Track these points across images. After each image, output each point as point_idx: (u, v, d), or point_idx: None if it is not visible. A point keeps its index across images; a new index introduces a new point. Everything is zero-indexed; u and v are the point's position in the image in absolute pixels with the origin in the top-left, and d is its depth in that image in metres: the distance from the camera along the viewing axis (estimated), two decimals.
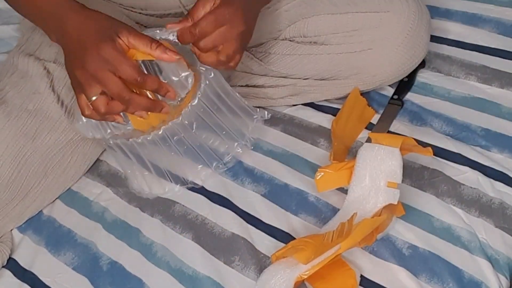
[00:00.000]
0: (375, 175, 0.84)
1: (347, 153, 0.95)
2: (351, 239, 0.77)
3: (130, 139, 0.85)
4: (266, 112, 0.98)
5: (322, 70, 1.01)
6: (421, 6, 0.99)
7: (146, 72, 0.84)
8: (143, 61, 0.84)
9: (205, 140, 0.93)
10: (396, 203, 0.83)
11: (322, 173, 0.87)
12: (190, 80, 0.82)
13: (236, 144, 0.95)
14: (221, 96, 0.89)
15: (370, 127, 0.99)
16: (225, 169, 0.95)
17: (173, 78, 0.81)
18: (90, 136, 0.88)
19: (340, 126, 0.98)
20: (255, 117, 0.96)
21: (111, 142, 0.87)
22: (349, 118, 0.99)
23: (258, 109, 0.98)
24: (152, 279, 0.85)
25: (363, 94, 1.03)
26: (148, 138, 0.85)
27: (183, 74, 0.81)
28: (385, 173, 0.84)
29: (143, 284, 0.84)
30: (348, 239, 0.77)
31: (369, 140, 0.88)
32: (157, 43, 0.78)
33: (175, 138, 0.87)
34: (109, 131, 0.86)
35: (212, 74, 0.86)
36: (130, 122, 0.84)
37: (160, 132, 0.85)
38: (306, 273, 0.78)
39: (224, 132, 0.92)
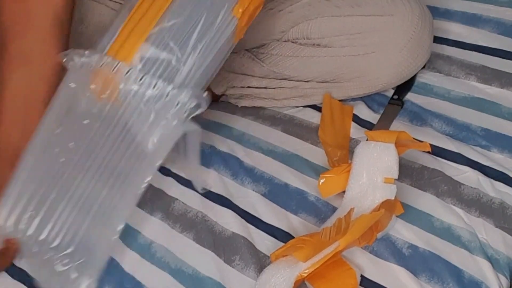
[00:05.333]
0: (372, 172, 0.84)
1: (348, 155, 0.95)
2: (350, 235, 0.76)
3: None
4: None
5: (325, 73, 1.00)
6: (424, 10, 0.98)
7: None
8: None
9: None
10: (393, 198, 0.83)
11: (324, 179, 0.87)
12: None
13: None
14: None
15: (370, 127, 0.99)
16: None
17: None
18: None
19: (328, 131, 0.98)
20: None
21: None
22: (332, 120, 0.99)
23: None
24: (152, 278, 0.84)
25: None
26: None
27: None
28: (382, 169, 0.84)
29: (143, 285, 0.84)
30: (347, 235, 0.76)
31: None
32: None
33: None
34: None
35: None
36: None
37: None
38: (306, 271, 0.77)
39: None
